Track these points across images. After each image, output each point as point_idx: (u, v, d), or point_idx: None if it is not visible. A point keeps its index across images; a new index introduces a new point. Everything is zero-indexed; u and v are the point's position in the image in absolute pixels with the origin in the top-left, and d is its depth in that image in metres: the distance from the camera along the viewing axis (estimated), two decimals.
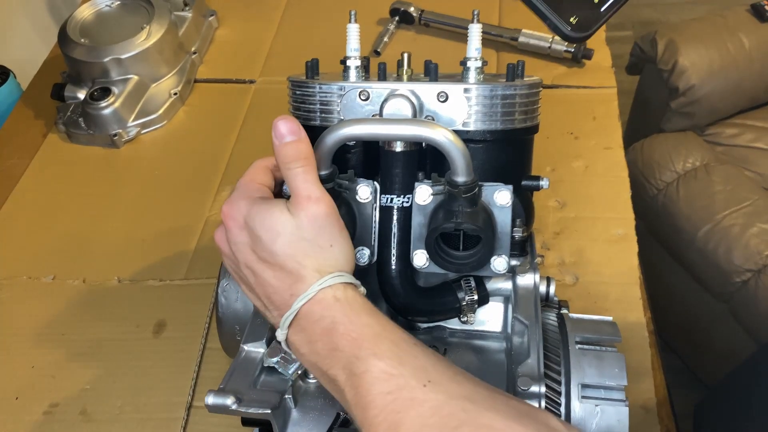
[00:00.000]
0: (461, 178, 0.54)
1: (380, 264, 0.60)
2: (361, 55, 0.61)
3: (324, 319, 0.50)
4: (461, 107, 0.58)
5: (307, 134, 0.55)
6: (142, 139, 1.13)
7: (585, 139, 1.05)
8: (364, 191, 0.59)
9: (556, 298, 0.68)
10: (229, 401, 0.54)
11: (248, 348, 0.61)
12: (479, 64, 0.60)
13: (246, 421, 0.60)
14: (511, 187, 0.58)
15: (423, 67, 0.63)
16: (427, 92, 0.58)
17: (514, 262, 0.63)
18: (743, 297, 1.36)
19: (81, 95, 1.13)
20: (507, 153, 0.61)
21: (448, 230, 0.56)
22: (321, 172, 0.56)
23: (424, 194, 0.58)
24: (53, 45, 1.29)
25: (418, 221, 0.58)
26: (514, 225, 0.59)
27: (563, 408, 0.56)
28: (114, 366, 0.84)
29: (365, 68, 0.62)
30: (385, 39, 1.23)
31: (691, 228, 1.42)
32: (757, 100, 1.62)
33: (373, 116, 0.58)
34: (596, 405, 0.56)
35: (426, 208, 0.58)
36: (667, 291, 1.58)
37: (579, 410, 0.56)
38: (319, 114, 0.60)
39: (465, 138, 0.55)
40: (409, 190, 0.59)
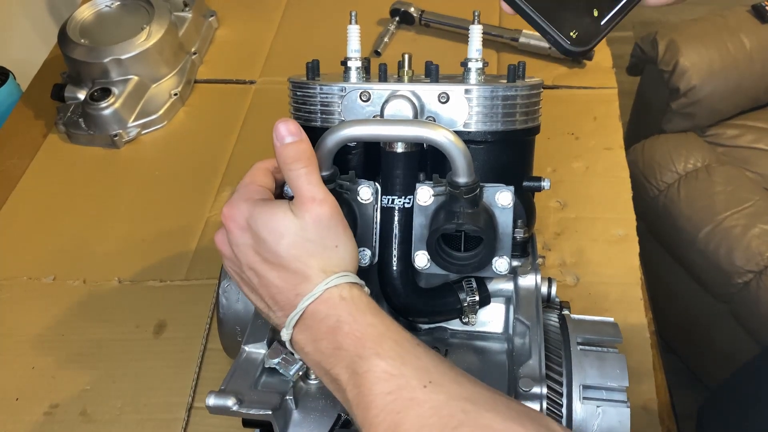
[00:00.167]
0: (462, 179, 0.54)
1: (381, 265, 0.60)
2: (362, 56, 0.61)
3: (329, 318, 0.50)
4: (462, 108, 0.58)
5: (308, 135, 0.55)
6: (143, 140, 1.13)
7: (586, 140, 1.05)
8: (365, 192, 0.59)
9: (558, 299, 0.68)
10: (230, 402, 0.54)
11: (249, 349, 0.61)
12: (480, 65, 0.60)
13: (247, 422, 0.60)
14: (513, 188, 0.58)
15: (424, 68, 0.63)
16: (428, 93, 0.58)
17: (516, 263, 0.63)
18: (744, 298, 1.35)
19: (81, 96, 1.13)
20: (508, 154, 0.61)
21: (450, 231, 0.56)
22: (322, 173, 0.55)
23: (426, 195, 0.58)
24: (53, 45, 1.28)
25: (420, 222, 0.58)
26: (516, 226, 0.59)
27: (565, 409, 0.56)
28: (114, 367, 0.84)
29: (366, 69, 0.62)
30: (386, 39, 1.22)
31: (692, 229, 1.41)
32: (758, 101, 1.62)
33: (374, 117, 0.58)
34: (598, 406, 0.56)
35: (427, 209, 0.58)
36: (668, 292, 1.58)
37: (580, 411, 0.56)
38: (320, 115, 0.60)
39: (466, 139, 0.55)
40: (411, 191, 0.58)
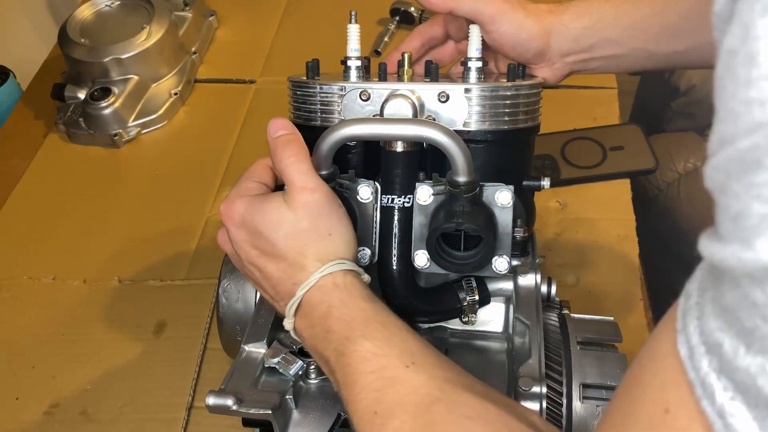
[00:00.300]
0: (462, 178, 0.54)
1: (381, 264, 0.60)
2: (362, 56, 0.61)
3: (322, 304, 0.52)
4: (462, 107, 0.58)
5: (308, 135, 0.55)
6: (143, 139, 1.13)
7: None
8: (365, 191, 0.59)
9: (557, 299, 0.68)
10: (230, 402, 0.54)
11: (249, 348, 0.61)
12: (480, 65, 0.60)
13: (247, 422, 0.60)
14: (513, 188, 0.58)
15: (423, 68, 0.63)
16: (428, 92, 0.58)
17: (516, 263, 0.63)
18: None
19: (81, 95, 1.13)
20: (508, 153, 0.61)
21: (449, 230, 0.56)
22: (322, 172, 0.56)
23: (425, 194, 0.58)
24: (53, 45, 1.28)
25: (419, 221, 0.58)
26: (516, 225, 0.59)
27: (564, 408, 0.56)
28: (114, 366, 0.84)
29: (366, 68, 0.62)
30: (386, 39, 1.23)
31: (692, 228, 1.41)
32: None
33: (374, 116, 0.58)
34: (597, 405, 0.56)
35: (427, 208, 0.58)
36: (668, 292, 1.57)
37: (580, 410, 0.56)
38: (320, 114, 0.60)
39: (466, 138, 0.55)
40: (410, 190, 0.58)
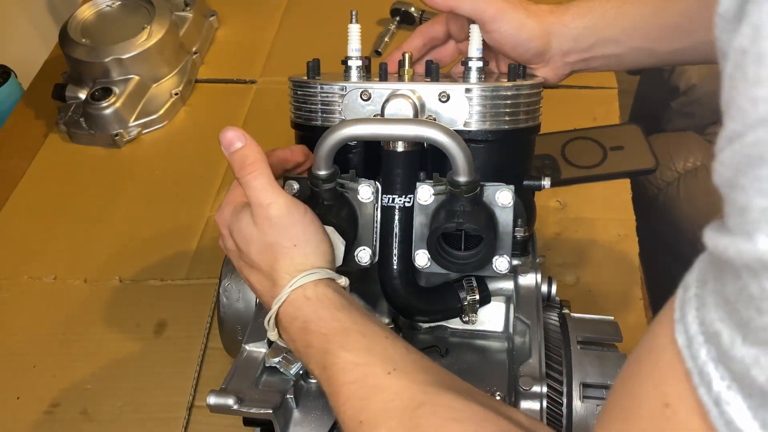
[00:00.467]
0: (463, 178, 0.54)
1: (382, 264, 0.60)
2: (362, 55, 0.61)
3: (297, 320, 0.52)
4: (462, 107, 0.58)
5: (309, 134, 0.55)
6: (143, 139, 1.13)
7: None
8: (366, 191, 0.59)
9: (558, 298, 0.68)
10: (231, 401, 0.54)
11: (250, 348, 0.61)
12: (480, 64, 0.60)
13: (247, 421, 0.61)
14: (513, 187, 0.58)
15: (424, 67, 0.63)
16: (429, 92, 0.58)
17: (516, 262, 0.63)
18: None
19: (82, 95, 1.13)
20: (508, 153, 0.61)
21: (450, 230, 0.56)
22: (322, 172, 0.56)
23: (426, 194, 0.58)
24: (54, 45, 1.28)
25: (420, 221, 0.58)
26: (516, 225, 0.59)
27: (565, 408, 0.57)
28: (115, 366, 0.84)
29: (366, 68, 0.62)
30: (386, 39, 1.23)
31: (692, 227, 1.41)
32: None
33: (375, 116, 0.58)
34: (597, 405, 0.56)
35: (427, 208, 0.58)
36: (668, 291, 1.57)
37: (580, 410, 0.56)
38: (321, 114, 0.60)
39: (466, 138, 0.55)
40: (411, 190, 0.58)
